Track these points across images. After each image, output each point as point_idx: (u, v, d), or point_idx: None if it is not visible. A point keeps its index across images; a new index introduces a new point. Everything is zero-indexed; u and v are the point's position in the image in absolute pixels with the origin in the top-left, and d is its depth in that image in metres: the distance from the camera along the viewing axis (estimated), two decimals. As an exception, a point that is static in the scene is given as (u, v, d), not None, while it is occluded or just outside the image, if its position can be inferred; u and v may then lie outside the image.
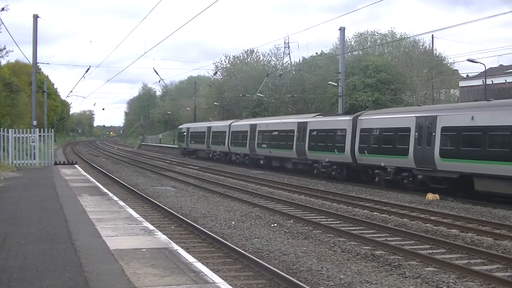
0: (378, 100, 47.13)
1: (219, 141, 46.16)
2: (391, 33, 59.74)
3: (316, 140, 30.47)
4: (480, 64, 37.68)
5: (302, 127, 31.71)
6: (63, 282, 6.97)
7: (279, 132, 34.83)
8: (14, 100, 49.60)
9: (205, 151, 50.49)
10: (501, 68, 51.39)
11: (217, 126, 48.42)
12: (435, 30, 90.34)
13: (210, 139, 48.17)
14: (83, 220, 12.07)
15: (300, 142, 31.70)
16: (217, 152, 46.90)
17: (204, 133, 50.21)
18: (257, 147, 37.78)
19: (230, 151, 43.80)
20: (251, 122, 40.71)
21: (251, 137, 38.84)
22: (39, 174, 26.38)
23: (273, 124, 36.88)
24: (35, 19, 35.74)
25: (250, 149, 39.11)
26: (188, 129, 56.76)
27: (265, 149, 36.70)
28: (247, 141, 39.46)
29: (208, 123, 55.06)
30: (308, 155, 30.87)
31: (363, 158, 26.42)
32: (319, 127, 30.53)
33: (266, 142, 36.43)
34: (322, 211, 17.95)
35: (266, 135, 36.66)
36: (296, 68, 68.79)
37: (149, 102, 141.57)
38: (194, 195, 22.41)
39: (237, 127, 42.73)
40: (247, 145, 39.48)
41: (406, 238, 13.49)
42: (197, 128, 54.79)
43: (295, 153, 32.16)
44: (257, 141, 37.71)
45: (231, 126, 43.80)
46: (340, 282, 9.37)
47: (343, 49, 40.62)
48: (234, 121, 45.39)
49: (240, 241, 12.77)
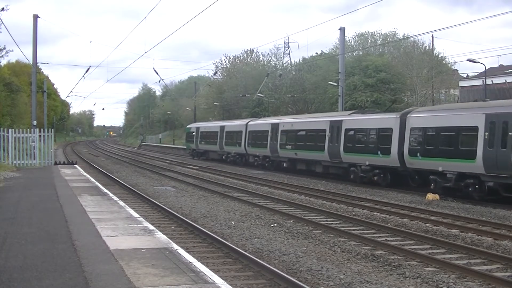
0: (377, 100, 47.14)
1: (234, 142, 42.70)
2: (391, 34, 59.88)
3: (353, 140, 27.22)
4: (480, 64, 37.70)
5: (336, 126, 28.48)
6: (63, 282, 6.97)
7: (307, 132, 31.60)
8: (14, 100, 49.61)
9: (217, 152, 47.12)
10: (501, 68, 51.41)
11: (231, 125, 44.85)
12: (435, 30, 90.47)
13: (224, 139, 44.70)
14: (83, 220, 12.07)
15: (333, 143, 28.49)
16: (232, 153, 43.40)
17: (216, 133, 46.79)
18: (280, 149, 34.48)
19: (247, 153, 40.42)
20: (272, 121, 37.18)
21: (272, 138, 35.45)
22: (39, 174, 26.38)
23: (300, 123, 33.52)
24: (35, 19, 35.76)
25: (271, 150, 35.71)
26: (198, 128, 52.96)
27: (289, 150, 33.39)
28: (268, 141, 36.05)
29: (221, 122, 51.39)
30: (344, 158, 27.64)
31: (415, 162, 22.99)
32: (357, 126, 27.20)
33: (291, 143, 33.20)
34: (322, 211, 17.95)
35: (291, 135, 33.41)
36: (296, 68, 68.79)
37: (149, 102, 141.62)
38: (194, 195, 22.41)
39: (256, 127, 39.23)
40: (268, 146, 36.07)
41: (406, 238, 13.48)
42: (208, 127, 51.09)
43: (327, 155, 28.95)
44: (280, 141, 34.44)
45: (249, 126, 40.39)
46: (340, 282, 9.37)
47: (343, 49, 40.62)
48: (252, 120, 42.07)
49: (240, 241, 12.77)
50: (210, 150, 49.27)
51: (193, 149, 53.95)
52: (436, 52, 52.88)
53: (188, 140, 57.09)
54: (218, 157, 46.95)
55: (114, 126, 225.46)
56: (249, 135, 39.85)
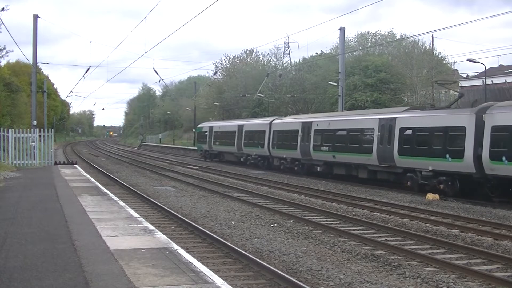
0: (377, 100, 47.17)
1: (255, 143, 38.27)
2: (391, 34, 59.91)
3: (411, 141, 23.17)
4: (480, 64, 37.74)
5: (388, 125, 24.65)
6: (63, 282, 6.97)
7: (348, 132, 27.64)
8: (14, 100, 49.63)
9: (234, 154, 42.75)
10: (501, 68, 51.48)
11: (252, 124, 40.57)
12: (435, 30, 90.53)
13: (243, 140, 40.34)
14: (83, 220, 12.07)
15: (384, 145, 24.65)
16: (253, 155, 38.86)
17: (233, 133, 42.41)
18: (313, 151, 30.48)
19: (271, 155, 36.24)
20: (303, 120, 33.25)
21: (304, 138, 31.66)
22: (39, 174, 26.38)
23: (340, 121, 29.46)
24: (35, 19, 35.79)
25: (302, 152, 31.82)
26: (211, 128, 48.33)
27: (325, 153, 29.35)
28: (298, 142, 32.13)
29: (239, 120, 47.45)
30: (398, 162, 23.67)
31: (500, 168, 18.93)
32: (417, 125, 23.30)
33: (328, 144, 29.12)
34: (322, 211, 17.95)
35: (328, 135, 29.33)
36: (296, 68, 68.82)
37: (149, 102, 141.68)
38: (194, 195, 22.41)
39: (282, 126, 35.22)
40: (298, 147, 32.08)
41: (406, 238, 13.48)
42: (223, 126, 46.58)
43: (375, 159, 25.12)
44: (314, 142, 30.46)
45: (273, 125, 36.30)
46: (340, 282, 9.37)
47: (343, 49, 40.63)
48: (277, 118, 37.87)
49: (240, 241, 12.77)
50: (226, 151, 45.07)
51: (206, 150, 49.54)
52: (436, 52, 53.00)
53: (199, 141, 52.55)
54: (235, 159, 42.88)
55: (114, 126, 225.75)
56: (273, 135, 35.80)
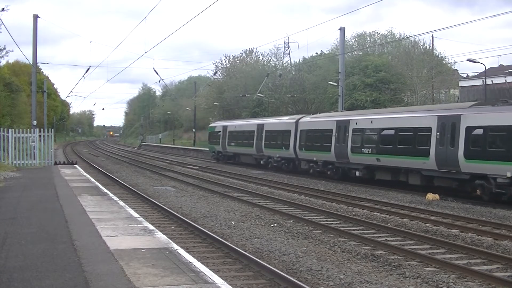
0: (377, 100, 47.17)
1: (278, 144, 35.20)
2: (390, 34, 59.93)
3: (482, 143, 19.78)
4: (480, 64, 37.73)
5: (450, 124, 21.24)
6: (63, 282, 6.97)
7: (397, 131, 24.28)
8: (14, 100, 49.68)
9: (253, 156, 39.46)
10: (501, 68, 51.43)
11: (274, 123, 37.37)
12: (435, 30, 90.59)
13: (263, 140, 37.27)
14: (83, 220, 12.07)
15: (444, 146, 21.32)
16: (275, 158, 35.68)
17: (251, 133, 39.29)
18: (352, 153, 27.17)
19: (297, 157, 33.14)
20: (338, 118, 29.77)
21: (339, 139, 28.43)
22: (39, 174, 26.38)
23: (385, 119, 25.75)
24: (35, 19, 35.80)
25: (337, 155, 28.50)
26: (226, 127, 44.97)
27: (367, 155, 25.96)
28: (332, 143, 28.93)
29: (258, 119, 44.10)
30: (464, 167, 20.21)
31: None
32: (490, 123, 19.67)
33: (370, 145, 25.87)
34: (322, 211, 17.95)
35: (370, 135, 26.16)
36: (296, 68, 68.85)
37: (149, 102, 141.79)
38: (194, 195, 22.41)
39: (312, 125, 32.02)
40: (333, 149, 28.86)
41: (406, 238, 13.48)
42: (240, 126, 43.18)
43: (433, 163, 21.73)
44: (352, 143, 27.19)
45: (300, 124, 33.14)
46: (340, 282, 9.37)
47: (343, 49, 40.63)
48: (304, 116, 34.48)
49: (240, 241, 12.77)
50: (243, 153, 41.57)
51: (219, 151, 46.10)
52: (436, 52, 53.00)
53: (212, 141, 48.68)
54: (254, 162, 39.79)
55: (114, 126, 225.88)
56: (301, 136, 32.64)
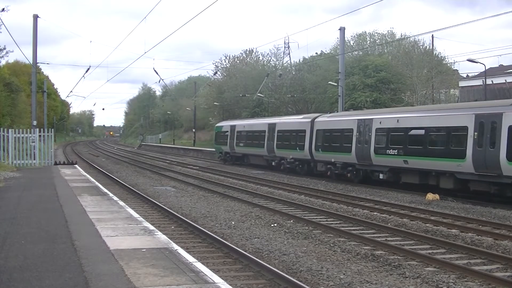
0: (377, 100, 47.16)
1: (291, 144, 33.39)
2: (390, 33, 59.91)
3: None
4: (480, 64, 37.74)
5: (489, 122, 19.68)
6: (63, 282, 6.97)
7: (427, 131, 22.50)
8: (14, 100, 49.67)
9: (263, 157, 37.65)
10: (501, 68, 51.46)
11: (287, 123, 35.54)
12: (435, 30, 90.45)
13: (275, 141, 35.36)
14: (83, 220, 12.07)
15: (484, 147, 19.65)
16: (288, 159, 33.90)
17: (262, 133, 37.39)
18: (375, 154, 25.29)
19: (313, 158, 31.29)
20: (360, 117, 27.58)
21: (360, 139, 26.67)
22: (39, 174, 26.38)
23: (414, 118, 23.88)
24: (35, 19, 35.79)
25: (359, 156, 26.73)
26: (234, 127, 43.12)
27: (392, 157, 24.02)
28: (353, 144, 27.12)
29: (269, 118, 42.03)
30: (506, 170, 18.73)
31: None
32: None
33: (397, 146, 23.95)
34: (322, 211, 17.95)
35: (397, 135, 24.24)
36: (296, 68, 68.85)
37: (149, 102, 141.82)
38: (194, 195, 22.42)
39: (329, 124, 30.12)
40: (354, 150, 27.04)
41: (406, 238, 13.48)
42: (249, 125, 41.21)
43: (470, 165, 20.10)
44: (376, 144, 25.40)
45: (316, 123, 31.20)
46: (340, 282, 9.37)
47: (343, 49, 40.61)
48: (321, 115, 32.60)
49: (240, 241, 12.77)
50: (252, 154, 39.74)
51: (226, 152, 44.24)
52: (436, 52, 53.01)
53: (218, 142, 46.77)
54: (264, 163, 37.94)
55: (114, 126, 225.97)
56: (317, 136, 30.78)
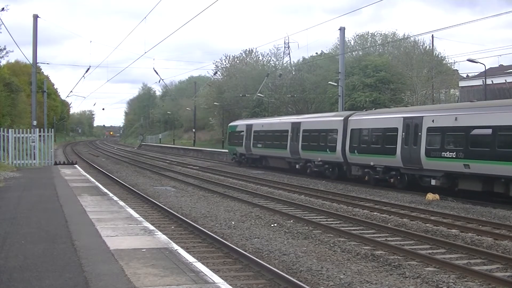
0: (377, 100, 47.15)
1: (320, 145, 30.23)
2: (391, 34, 59.96)
3: None
4: (480, 64, 37.74)
5: None
6: (63, 282, 6.97)
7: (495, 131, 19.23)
8: (14, 100, 49.67)
9: (286, 159, 34.47)
10: (501, 68, 51.46)
11: (314, 121, 32.32)
12: (435, 30, 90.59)
13: (300, 141, 32.23)
14: (83, 220, 12.08)
15: None
16: (316, 161, 30.66)
17: (284, 133, 34.29)
18: (426, 157, 22.07)
19: (346, 161, 28.09)
20: (406, 115, 24.27)
21: (407, 139, 23.36)
22: (39, 174, 26.38)
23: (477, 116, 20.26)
24: (35, 19, 35.80)
25: (405, 159, 23.42)
26: (250, 126, 39.79)
27: (449, 160, 20.82)
28: (398, 145, 23.89)
29: (293, 117, 38.46)
30: None
31: None
32: None
33: (455, 147, 20.71)
34: (322, 211, 17.95)
35: (455, 135, 21.00)
36: (296, 68, 68.86)
37: (149, 102, 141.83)
38: (194, 195, 22.41)
39: (367, 123, 26.90)
40: (399, 152, 23.74)
41: (406, 238, 13.48)
42: (269, 125, 37.81)
43: None
44: (427, 145, 22.18)
45: (351, 122, 27.96)
46: (340, 282, 9.37)
47: (343, 49, 40.62)
48: (356, 113, 29.17)
49: (240, 241, 12.77)
50: (273, 156, 36.53)
51: (241, 154, 41.07)
52: (436, 52, 53.02)
53: (232, 142, 43.55)
54: (287, 166, 34.72)
55: (114, 126, 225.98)
56: (352, 136, 27.63)
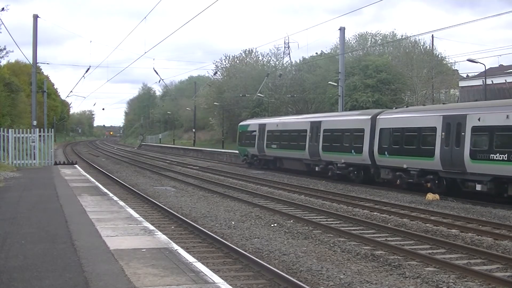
0: (378, 101, 47.16)
1: (344, 146, 27.85)
2: (391, 34, 59.97)
3: None
4: (480, 64, 37.75)
5: None
6: (63, 282, 6.97)
7: None
8: (14, 100, 49.67)
9: (304, 161, 32.11)
10: (501, 68, 51.46)
11: (337, 120, 29.90)
12: (435, 30, 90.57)
13: (320, 142, 29.86)
14: (83, 220, 12.08)
15: None
16: (339, 164, 28.07)
17: (302, 133, 31.94)
18: (471, 159, 19.86)
19: (374, 163, 25.59)
20: (446, 113, 21.72)
21: (448, 140, 20.99)
22: (39, 174, 26.38)
23: None
24: (35, 19, 35.79)
25: (444, 161, 21.10)
26: (263, 126, 37.40)
27: (501, 163, 18.67)
28: (437, 146, 21.48)
29: (312, 116, 35.88)
30: None
31: None
32: None
33: (506, 148, 18.68)
34: (322, 211, 17.95)
35: (505, 135, 18.98)
36: (296, 68, 68.88)
37: (149, 102, 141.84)
38: (194, 195, 22.41)
39: (400, 122, 24.26)
40: (437, 153, 21.38)
41: (406, 238, 13.48)
42: (284, 124, 35.70)
43: None
44: (472, 146, 19.97)
45: (379, 121, 25.46)
46: (340, 282, 9.37)
47: (343, 49, 40.62)
48: (384, 112, 26.53)
49: (240, 241, 12.77)
50: (289, 157, 34.19)
51: (254, 155, 38.75)
52: (437, 52, 53.04)
53: (243, 143, 40.98)
54: (305, 168, 32.57)
55: (114, 126, 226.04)
56: (381, 136, 25.08)
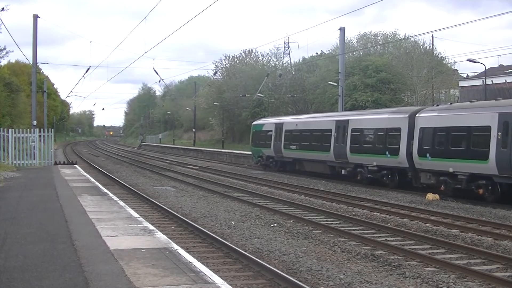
0: (378, 100, 47.17)
1: (376, 148, 25.45)
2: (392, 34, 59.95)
3: None
4: (480, 64, 37.74)
5: None
6: (63, 282, 6.97)
7: None
8: (14, 100, 49.64)
9: (328, 163, 29.29)
10: (501, 68, 51.46)
11: (367, 119, 26.98)
12: (435, 30, 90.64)
13: (348, 142, 27.23)
14: (83, 220, 12.07)
15: None
16: (369, 167, 25.69)
17: (326, 132, 29.27)
18: None
19: (413, 167, 23.16)
20: (502, 110, 19.16)
21: (506, 140, 18.60)
22: (39, 174, 26.37)
23: None
24: (35, 19, 35.79)
25: (501, 165, 18.70)
26: (281, 125, 34.73)
27: None
28: (491, 148, 19.04)
29: (337, 114, 32.62)
30: None
31: None
32: None
33: None
34: (322, 211, 17.95)
35: None
36: (296, 68, 68.89)
37: (149, 102, 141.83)
38: (194, 195, 22.41)
39: (445, 120, 21.66)
40: (492, 156, 18.96)
41: (406, 238, 13.48)
42: (305, 123, 32.87)
43: None
44: None
45: (419, 119, 22.88)
46: (340, 282, 9.37)
47: (343, 49, 40.62)
48: (424, 109, 23.79)
49: (240, 241, 12.77)
50: (310, 159, 31.36)
51: (269, 156, 36.03)
52: (437, 52, 53.04)
53: (257, 143, 38.13)
54: (328, 171, 29.73)
55: (114, 126, 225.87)
56: (422, 136, 22.52)
